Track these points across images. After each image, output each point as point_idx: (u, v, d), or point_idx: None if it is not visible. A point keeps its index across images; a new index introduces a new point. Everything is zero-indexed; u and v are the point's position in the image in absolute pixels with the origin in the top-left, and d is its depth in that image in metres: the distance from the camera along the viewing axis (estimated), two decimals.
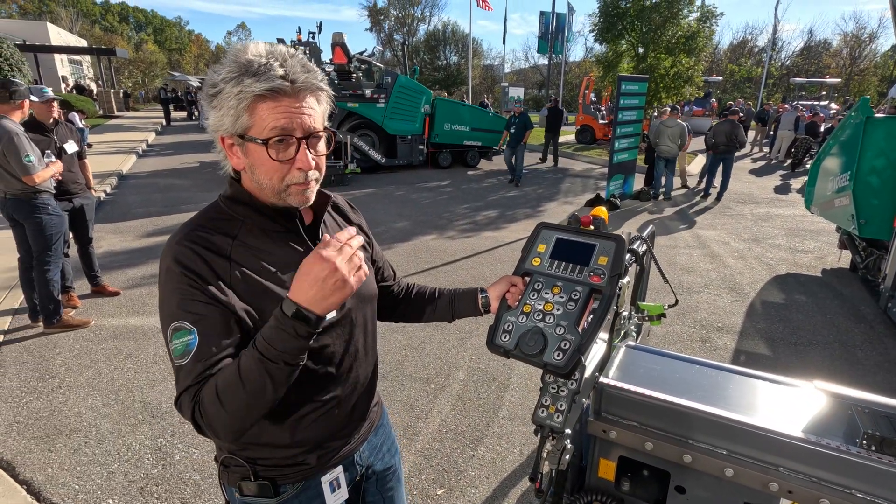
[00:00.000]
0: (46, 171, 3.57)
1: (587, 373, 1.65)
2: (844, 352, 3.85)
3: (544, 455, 1.31)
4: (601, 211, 1.39)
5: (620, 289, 1.93)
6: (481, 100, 22.95)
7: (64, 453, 2.55)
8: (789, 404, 1.51)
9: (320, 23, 11.11)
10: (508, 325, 1.23)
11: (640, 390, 1.50)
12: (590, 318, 1.20)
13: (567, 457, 1.34)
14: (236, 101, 0.85)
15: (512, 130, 10.33)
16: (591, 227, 1.42)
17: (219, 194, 1.01)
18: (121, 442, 2.63)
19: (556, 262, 1.31)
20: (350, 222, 1.21)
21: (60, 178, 3.83)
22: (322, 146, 0.95)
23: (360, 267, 0.83)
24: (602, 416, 1.55)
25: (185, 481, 2.38)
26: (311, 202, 0.98)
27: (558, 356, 1.15)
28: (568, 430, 1.32)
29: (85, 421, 2.80)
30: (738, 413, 1.41)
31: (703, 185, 10.10)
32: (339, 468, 1.12)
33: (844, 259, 5.86)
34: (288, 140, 0.88)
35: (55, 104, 3.98)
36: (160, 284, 0.91)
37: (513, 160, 10.49)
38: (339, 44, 10.20)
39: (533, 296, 1.26)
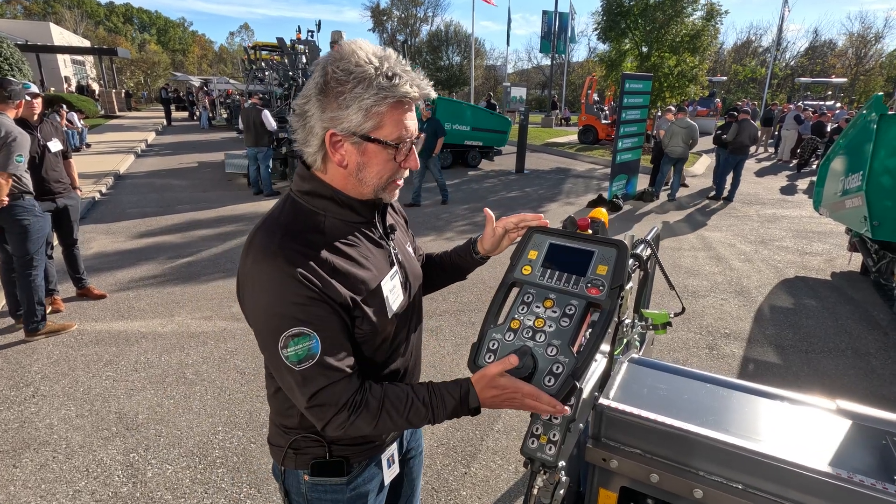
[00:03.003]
0: (5, 187, 3.31)
1: (585, 393, 1.49)
2: (858, 360, 3.67)
3: (535, 492, 1.16)
4: (601, 213, 1.24)
5: (623, 298, 1.77)
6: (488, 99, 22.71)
7: (30, 469, 2.40)
8: (812, 430, 1.34)
9: (319, 21, 10.97)
10: (494, 344, 1.07)
11: (645, 414, 1.33)
12: (587, 337, 1.05)
13: (562, 491, 1.19)
14: (372, 102, 0.86)
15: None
16: (589, 232, 1.26)
17: (289, 189, 1.01)
18: (91, 457, 2.48)
19: (549, 271, 1.15)
20: (394, 209, 1.24)
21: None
22: None
23: (522, 405, 0.96)
24: (602, 441, 1.39)
25: (156, 501, 2.22)
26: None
27: (549, 382, 1.00)
28: (562, 463, 1.16)
29: (56, 433, 2.65)
30: (755, 440, 1.25)
31: (711, 186, 9.90)
32: (395, 445, 1.18)
33: (854, 262, 5.68)
34: (405, 143, 0.93)
35: (38, 101, 3.85)
36: (263, 290, 0.88)
37: (424, 176, 8.45)
38: (337, 42, 10.06)
39: (522, 310, 1.10)
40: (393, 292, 1.03)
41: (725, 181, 9.22)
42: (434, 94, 0.97)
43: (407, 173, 1.01)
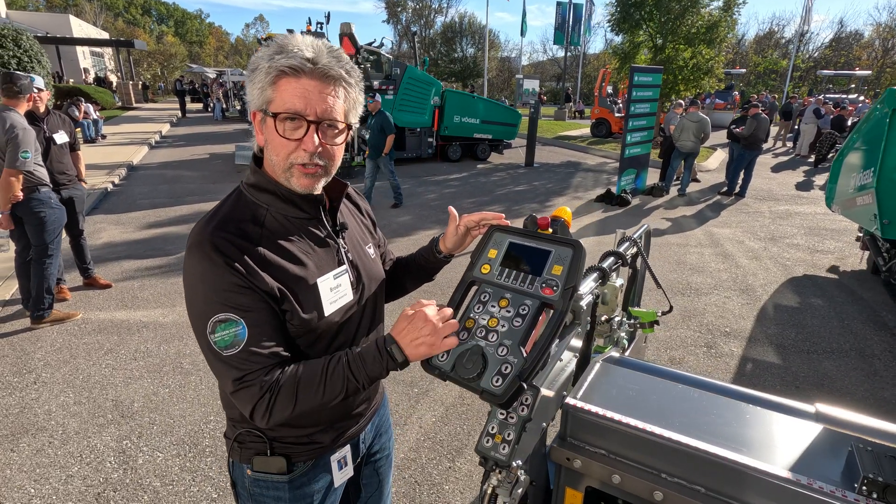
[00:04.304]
0: (17, 183, 3.40)
1: (552, 391, 1.48)
2: (862, 362, 3.59)
3: (488, 490, 1.16)
4: (564, 211, 1.22)
5: (600, 298, 1.75)
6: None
7: (26, 454, 2.47)
8: (782, 434, 1.32)
9: (328, 13, 10.96)
10: None
11: (608, 414, 1.32)
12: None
13: (520, 490, 1.19)
14: (264, 75, 0.89)
15: (366, 136, 7.54)
16: (550, 231, 1.25)
17: (241, 182, 1.03)
18: (85, 443, 2.55)
19: (507, 270, 1.14)
20: (359, 209, 1.24)
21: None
22: (338, 137, 0.96)
23: (448, 336, 0.96)
24: (567, 441, 1.38)
25: (145, 488, 2.27)
26: (317, 191, 1.00)
27: (497, 382, 1.00)
28: (518, 462, 1.16)
29: (53, 419, 2.73)
30: (719, 444, 1.23)
31: (723, 181, 9.71)
32: (347, 447, 1.17)
33: (867, 261, 5.54)
34: (299, 120, 0.90)
35: (42, 95, 3.92)
36: (193, 276, 0.90)
37: (375, 176, 7.52)
38: (346, 34, 10.05)
39: (478, 308, 1.10)
40: (336, 291, 1.03)
41: (739, 176, 9.03)
42: (354, 82, 0.95)
43: (316, 160, 0.93)
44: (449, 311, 0.98)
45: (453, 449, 2.59)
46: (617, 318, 2.02)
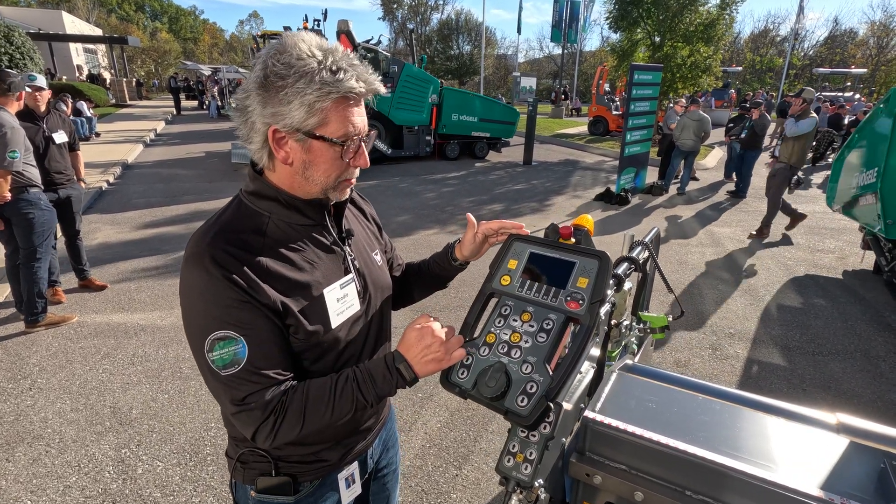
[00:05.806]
0: (4, 184, 3.30)
1: (570, 402, 1.44)
2: (867, 363, 3.57)
3: None
4: (586, 220, 1.18)
5: (615, 305, 1.71)
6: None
7: (22, 463, 2.40)
8: (808, 448, 1.28)
9: (325, 10, 10.85)
10: (467, 359, 1.03)
11: (630, 428, 1.28)
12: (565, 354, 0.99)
13: None
14: (315, 97, 0.82)
15: None
16: (572, 241, 1.20)
17: (240, 190, 0.98)
18: (83, 452, 2.48)
19: (528, 282, 1.09)
20: (364, 213, 1.20)
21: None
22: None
23: (454, 351, 0.94)
24: (586, 456, 1.34)
25: (145, 498, 2.22)
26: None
27: (522, 401, 0.95)
28: (540, 481, 1.12)
29: (50, 427, 2.66)
30: (745, 459, 1.19)
31: (722, 179, 9.69)
32: (355, 464, 1.13)
33: (867, 260, 5.53)
34: (353, 140, 0.89)
35: (42, 94, 3.84)
36: (190, 290, 0.85)
37: None
38: (344, 31, 9.96)
39: (499, 322, 1.05)
40: (343, 301, 0.99)
41: (750, 176, 8.94)
42: (383, 90, 0.93)
43: (358, 172, 0.96)
44: (453, 328, 0.98)
45: (460, 456, 2.55)
46: (626, 323, 1.98)
